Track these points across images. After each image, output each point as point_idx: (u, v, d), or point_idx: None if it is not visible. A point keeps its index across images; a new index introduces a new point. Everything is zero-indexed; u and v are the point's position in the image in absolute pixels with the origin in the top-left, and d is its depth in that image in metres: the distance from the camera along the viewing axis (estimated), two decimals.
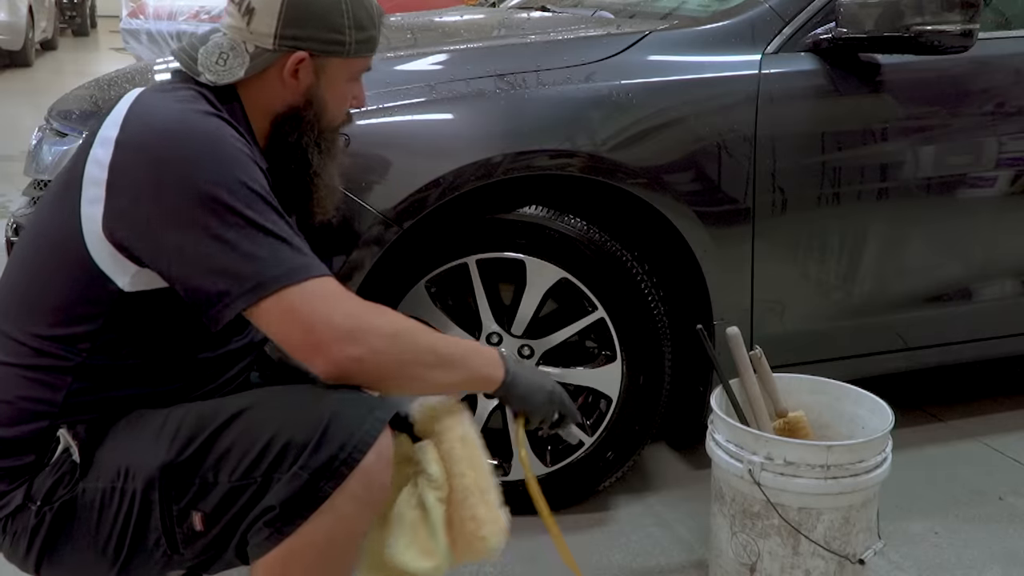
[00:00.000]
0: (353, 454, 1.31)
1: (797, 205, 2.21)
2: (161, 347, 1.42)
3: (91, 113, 2.26)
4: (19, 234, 2.25)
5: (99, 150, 1.36)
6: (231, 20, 1.48)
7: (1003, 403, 2.85)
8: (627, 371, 2.16)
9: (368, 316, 1.36)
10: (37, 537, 1.37)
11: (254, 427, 1.33)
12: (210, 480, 1.33)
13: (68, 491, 1.36)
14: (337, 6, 1.47)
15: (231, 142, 1.36)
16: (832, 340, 2.37)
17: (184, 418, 1.36)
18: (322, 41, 1.47)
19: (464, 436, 1.45)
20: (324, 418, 1.32)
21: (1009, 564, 2.12)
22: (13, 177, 4.96)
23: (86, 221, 1.34)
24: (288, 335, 1.32)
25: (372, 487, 1.34)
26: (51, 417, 1.37)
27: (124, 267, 1.35)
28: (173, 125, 1.34)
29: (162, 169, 1.31)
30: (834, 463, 1.81)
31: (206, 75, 1.45)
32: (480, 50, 2.35)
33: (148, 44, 7.36)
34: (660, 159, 2.09)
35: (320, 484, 1.30)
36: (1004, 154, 2.38)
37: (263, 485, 1.31)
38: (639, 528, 2.22)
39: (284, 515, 1.31)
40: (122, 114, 1.38)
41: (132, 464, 1.34)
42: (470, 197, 2.03)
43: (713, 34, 2.23)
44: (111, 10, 15.08)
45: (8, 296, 1.43)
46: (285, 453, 1.31)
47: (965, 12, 2.11)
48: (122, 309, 1.37)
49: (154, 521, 1.34)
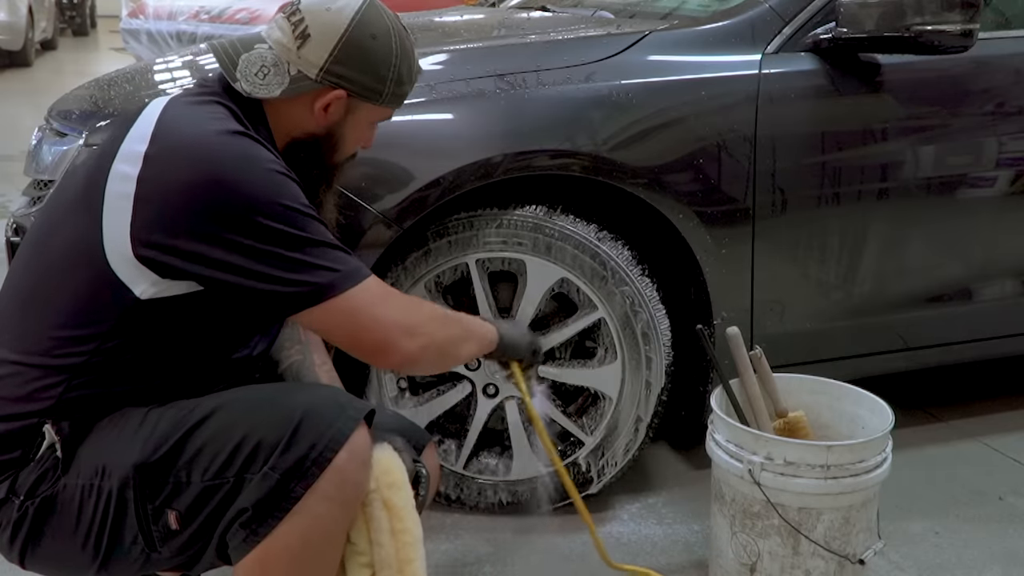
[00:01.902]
0: (324, 453, 1.31)
1: (797, 205, 2.21)
2: (163, 353, 1.42)
3: (91, 113, 2.26)
4: (21, 235, 2.24)
5: (125, 165, 1.35)
6: (281, 36, 1.47)
7: (1003, 403, 2.85)
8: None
9: (417, 308, 1.53)
10: (20, 530, 1.38)
11: (227, 426, 1.34)
12: (183, 480, 1.33)
13: (50, 487, 1.37)
14: (388, 58, 1.50)
15: (268, 163, 1.37)
16: (832, 340, 2.36)
17: (160, 417, 1.37)
18: (363, 86, 1.50)
19: (390, 503, 1.42)
20: (295, 417, 1.32)
21: (1009, 564, 2.12)
22: (13, 177, 4.96)
23: (108, 233, 1.34)
24: (353, 335, 1.42)
25: (344, 486, 1.34)
26: (42, 415, 1.38)
27: (145, 277, 1.35)
28: (208, 145, 1.34)
29: (204, 191, 1.31)
30: (834, 463, 1.81)
31: (242, 83, 1.45)
32: (480, 50, 2.35)
33: (148, 44, 7.35)
34: (660, 159, 2.09)
35: (290, 485, 1.30)
36: (1004, 154, 2.38)
37: (236, 485, 1.32)
38: (639, 528, 2.22)
39: (257, 516, 1.31)
40: (150, 128, 1.37)
41: (109, 462, 1.35)
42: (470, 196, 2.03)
43: (713, 34, 2.23)
44: (111, 10, 15.07)
45: (13, 298, 1.43)
46: (256, 453, 1.31)
47: (965, 12, 2.11)
48: (132, 315, 1.37)
49: (130, 519, 1.35)
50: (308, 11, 1.47)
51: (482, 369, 2.16)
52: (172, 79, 2.44)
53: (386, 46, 1.50)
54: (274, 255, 1.33)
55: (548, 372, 2.19)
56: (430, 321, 1.51)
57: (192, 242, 1.32)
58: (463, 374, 2.18)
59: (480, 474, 2.22)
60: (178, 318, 1.39)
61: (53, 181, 2.22)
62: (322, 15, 1.46)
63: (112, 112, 2.21)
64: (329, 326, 1.41)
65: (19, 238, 2.24)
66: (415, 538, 1.43)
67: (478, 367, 2.17)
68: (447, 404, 2.20)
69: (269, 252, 1.33)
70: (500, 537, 2.17)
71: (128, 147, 1.37)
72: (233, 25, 6.60)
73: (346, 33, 1.46)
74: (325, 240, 1.38)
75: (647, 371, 2.16)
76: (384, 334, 1.42)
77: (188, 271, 1.34)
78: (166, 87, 2.33)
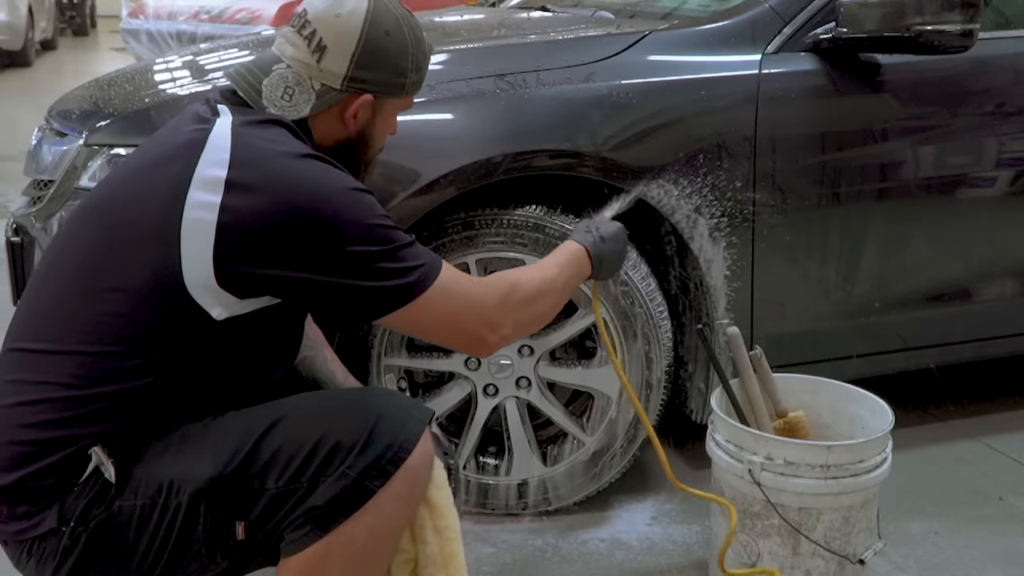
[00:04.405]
0: (399, 453, 1.35)
1: (797, 205, 2.21)
2: (225, 368, 1.41)
3: (91, 113, 2.25)
4: (21, 235, 2.23)
5: (204, 193, 1.32)
6: (296, 53, 1.45)
7: (1003, 403, 2.85)
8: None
9: (495, 278, 1.54)
10: (69, 557, 1.34)
11: (298, 432, 1.35)
12: (256, 487, 1.34)
13: (103, 510, 1.34)
14: (405, 51, 1.49)
15: (346, 182, 1.38)
16: (832, 340, 2.36)
17: (225, 429, 1.36)
18: (387, 84, 1.49)
19: (432, 501, 1.44)
20: (370, 420, 1.35)
21: (1009, 564, 2.11)
22: (13, 177, 4.95)
23: (188, 260, 1.31)
24: (452, 319, 1.45)
25: (415, 485, 1.38)
26: (95, 439, 1.34)
27: (223, 300, 1.34)
28: (291, 170, 1.35)
29: (292, 217, 1.31)
30: (834, 463, 1.81)
31: (271, 109, 1.44)
32: (480, 50, 2.35)
33: (148, 44, 7.34)
34: (660, 159, 2.09)
35: (366, 483, 1.33)
36: (1004, 154, 2.38)
37: (309, 488, 1.33)
38: (639, 528, 2.21)
39: (329, 513, 1.33)
40: (226, 153, 1.34)
41: (177, 478, 1.33)
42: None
43: (713, 34, 2.23)
44: (111, 10, 15.06)
45: (55, 322, 1.38)
46: (333, 455, 1.33)
47: (965, 12, 2.11)
48: (205, 336, 1.36)
49: (196, 534, 1.34)
50: (318, 22, 1.44)
51: (482, 369, 2.16)
52: (172, 79, 2.44)
53: (400, 39, 1.48)
54: (365, 270, 1.36)
55: (548, 372, 2.19)
56: (523, 300, 1.53)
57: (280, 268, 1.33)
58: (463, 374, 2.18)
59: (480, 474, 2.22)
60: (245, 334, 1.39)
61: (53, 181, 2.22)
62: (334, 23, 1.44)
63: (112, 112, 2.21)
64: (425, 317, 1.43)
65: (19, 238, 2.24)
66: (456, 534, 1.47)
67: (478, 367, 2.17)
68: (447, 404, 2.20)
69: (360, 269, 1.36)
70: (500, 538, 2.17)
71: (205, 173, 1.33)
72: (233, 25, 6.60)
73: (362, 37, 1.44)
74: (405, 242, 1.40)
75: (647, 371, 2.16)
76: (480, 309, 1.46)
77: (278, 293, 1.36)
78: (166, 87, 2.33)
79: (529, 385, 2.18)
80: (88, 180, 2.11)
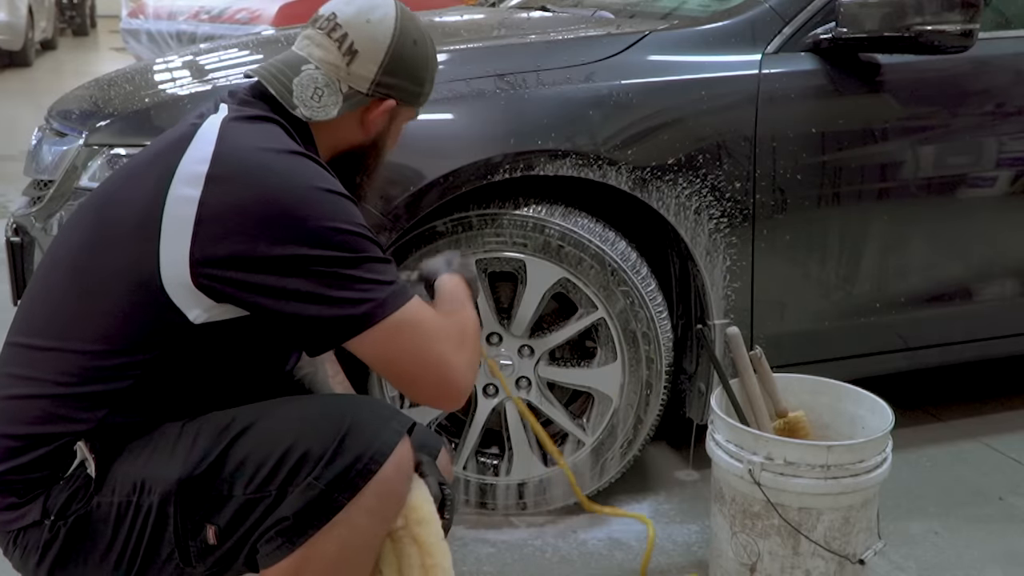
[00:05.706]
0: (369, 465, 1.31)
1: (797, 205, 2.21)
2: (208, 373, 1.41)
3: (91, 113, 2.25)
4: (21, 235, 2.24)
5: (186, 187, 1.31)
6: (325, 55, 1.45)
7: (1003, 403, 2.85)
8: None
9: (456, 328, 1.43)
10: (50, 551, 1.35)
11: (270, 438, 1.33)
12: (225, 493, 1.32)
13: (83, 505, 1.35)
14: (426, 61, 1.52)
15: (325, 183, 1.35)
16: (832, 340, 2.36)
17: (199, 430, 1.35)
18: (410, 92, 1.51)
19: (420, 539, 1.40)
20: (341, 429, 1.32)
21: (1009, 564, 2.11)
22: (13, 177, 4.95)
23: (166, 256, 1.31)
24: (417, 362, 1.36)
25: (387, 498, 1.34)
26: (78, 436, 1.35)
27: (200, 302, 1.33)
28: (269, 166, 1.33)
29: (264, 212, 1.29)
30: (834, 463, 1.81)
31: (301, 109, 1.43)
32: (480, 50, 2.35)
33: (148, 44, 7.34)
34: (660, 159, 2.09)
35: (334, 495, 1.30)
36: (1004, 154, 2.38)
37: (278, 497, 1.31)
38: (639, 528, 2.21)
39: (297, 526, 1.30)
40: (210, 148, 1.34)
41: (148, 478, 1.33)
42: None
43: (713, 34, 2.23)
44: (111, 10, 15.05)
45: (42, 318, 1.39)
46: (301, 464, 1.30)
47: (965, 12, 2.11)
48: (183, 340, 1.35)
49: (168, 535, 1.33)
50: (349, 26, 1.45)
51: (481, 369, 2.16)
52: (172, 79, 2.44)
53: (424, 50, 1.51)
54: (326, 276, 1.30)
55: (548, 373, 2.19)
56: (458, 323, 1.45)
57: (243, 271, 1.29)
58: None
59: (480, 475, 2.22)
60: (227, 340, 1.38)
61: (53, 181, 2.22)
62: (365, 28, 1.45)
63: (112, 112, 2.21)
64: (388, 348, 1.35)
65: (19, 238, 2.24)
66: (444, 571, 1.42)
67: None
68: None
69: (321, 274, 1.30)
70: (500, 538, 2.17)
71: (188, 168, 1.33)
72: (233, 25, 6.59)
73: (392, 43, 1.46)
74: (377, 256, 1.34)
75: (647, 371, 2.16)
76: (446, 348, 1.38)
77: (241, 303, 1.32)
78: (166, 87, 2.33)
79: (529, 385, 2.19)
80: (88, 180, 2.11)
